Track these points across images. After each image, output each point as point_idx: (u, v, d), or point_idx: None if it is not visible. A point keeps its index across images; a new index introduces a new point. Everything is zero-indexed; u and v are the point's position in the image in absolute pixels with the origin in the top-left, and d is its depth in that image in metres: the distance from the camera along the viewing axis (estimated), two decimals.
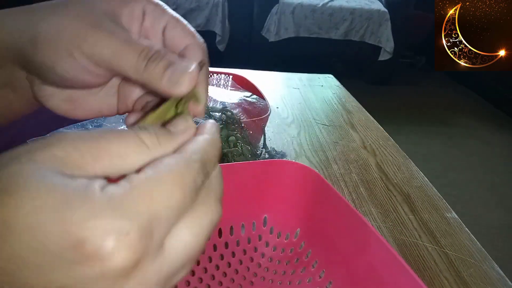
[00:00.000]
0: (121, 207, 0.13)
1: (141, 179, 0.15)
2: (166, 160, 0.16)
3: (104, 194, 0.14)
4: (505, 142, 2.43)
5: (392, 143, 0.76)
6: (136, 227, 0.14)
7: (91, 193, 0.13)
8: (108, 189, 0.14)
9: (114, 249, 0.13)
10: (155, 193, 0.14)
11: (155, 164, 0.15)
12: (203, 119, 0.55)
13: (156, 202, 0.14)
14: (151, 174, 0.15)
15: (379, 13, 2.56)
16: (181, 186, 0.15)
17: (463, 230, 0.54)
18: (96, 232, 0.13)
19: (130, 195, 0.14)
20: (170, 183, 0.15)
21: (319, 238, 0.40)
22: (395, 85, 3.01)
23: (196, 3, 2.40)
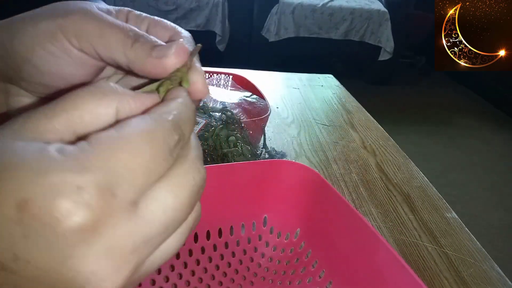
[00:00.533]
0: (75, 163, 0.12)
1: (102, 137, 0.13)
2: (133, 119, 0.15)
3: (58, 153, 0.13)
4: (505, 142, 2.43)
5: (392, 143, 0.76)
6: (92, 182, 0.12)
7: (43, 154, 0.12)
8: (63, 149, 0.13)
9: (65, 207, 0.12)
10: (117, 150, 0.13)
11: (120, 124, 0.14)
12: (203, 119, 0.55)
13: (118, 159, 0.13)
14: (114, 132, 0.14)
15: (379, 13, 2.56)
16: (150, 144, 0.14)
17: (463, 230, 0.54)
18: (43, 189, 0.12)
19: (87, 152, 0.13)
20: (137, 140, 0.14)
21: (319, 238, 0.40)
22: (395, 85, 3.01)
23: (196, 3, 2.40)
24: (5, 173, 0.12)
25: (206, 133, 0.53)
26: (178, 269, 0.39)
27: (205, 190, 0.41)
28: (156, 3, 2.37)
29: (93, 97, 0.15)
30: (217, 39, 2.52)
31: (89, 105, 0.15)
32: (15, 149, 0.13)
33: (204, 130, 0.53)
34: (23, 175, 0.12)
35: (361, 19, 2.55)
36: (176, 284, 0.38)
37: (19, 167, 0.12)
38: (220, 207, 0.41)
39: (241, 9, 2.56)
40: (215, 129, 0.53)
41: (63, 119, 0.14)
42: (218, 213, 0.41)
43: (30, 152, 0.13)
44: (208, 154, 0.50)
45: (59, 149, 0.13)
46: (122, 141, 0.14)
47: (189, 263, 0.40)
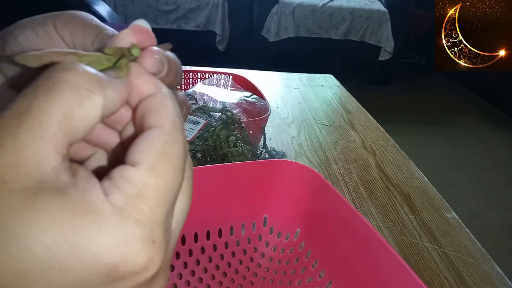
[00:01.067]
0: (138, 216, 0.13)
1: (142, 175, 0.14)
2: (154, 141, 0.14)
3: (113, 206, 0.13)
4: (505, 142, 2.43)
5: (392, 143, 0.76)
6: (160, 231, 0.13)
7: (96, 208, 0.12)
8: (113, 198, 0.13)
9: (148, 262, 0.13)
10: (163, 188, 0.14)
11: (145, 148, 0.14)
12: (203, 119, 0.55)
13: (166, 196, 0.14)
14: (149, 166, 0.14)
15: (379, 13, 2.56)
16: (180, 168, 0.15)
17: (463, 230, 0.54)
18: (126, 252, 0.12)
19: (142, 200, 0.13)
20: (172, 170, 0.14)
21: (319, 238, 0.40)
22: (395, 85, 3.01)
23: (196, 3, 2.40)
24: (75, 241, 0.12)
25: (206, 133, 0.53)
26: (178, 269, 0.39)
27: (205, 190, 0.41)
28: (156, 3, 2.37)
29: (81, 98, 0.13)
30: (217, 39, 2.52)
31: (79, 111, 0.13)
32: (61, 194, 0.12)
33: (204, 130, 0.53)
34: (98, 241, 0.12)
35: (361, 19, 2.55)
36: (176, 284, 0.38)
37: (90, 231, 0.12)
38: (220, 207, 0.41)
39: (241, 9, 2.56)
40: (215, 129, 0.53)
41: (57, 136, 0.13)
42: (218, 213, 0.41)
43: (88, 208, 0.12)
44: (208, 154, 0.50)
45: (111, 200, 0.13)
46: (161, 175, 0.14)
47: (189, 263, 0.40)
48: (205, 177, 0.39)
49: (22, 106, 0.13)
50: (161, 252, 0.13)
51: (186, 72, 0.79)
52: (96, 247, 0.12)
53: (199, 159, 0.50)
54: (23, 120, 0.12)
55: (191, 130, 0.52)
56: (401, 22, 2.62)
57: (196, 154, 0.50)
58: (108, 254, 0.12)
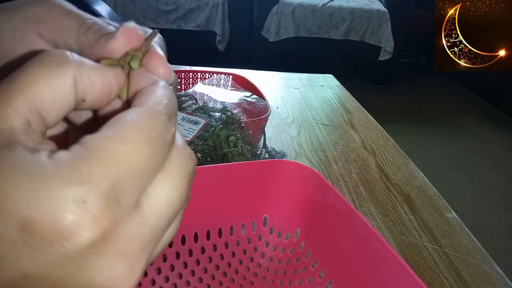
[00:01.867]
0: (76, 173, 0.12)
1: (98, 139, 0.13)
2: (126, 114, 0.14)
3: (52, 161, 0.12)
4: (505, 142, 2.43)
5: (392, 143, 0.76)
6: (95, 193, 0.12)
7: (35, 164, 0.12)
8: (57, 155, 0.12)
9: (73, 223, 0.11)
10: (117, 154, 0.12)
11: (114, 122, 0.13)
12: (203, 119, 0.55)
13: (119, 163, 0.12)
14: (110, 133, 0.13)
15: (379, 13, 2.56)
16: (150, 143, 0.13)
17: (463, 230, 0.54)
18: (46, 207, 0.11)
19: (86, 159, 0.12)
20: (136, 141, 0.13)
21: (319, 238, 0.40)
22: (395, 85, 3.01)
23: (196, 3, 2.40)
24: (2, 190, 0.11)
25: (206, 133, 0.53)
26: (178, 269, 0.39)
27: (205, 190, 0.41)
28: (156, 3, 2.37)
29: (48, 69, 0.13)
30: (217, 39, 2.53)
31: (45, 79, 0.13)
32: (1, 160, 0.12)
33: (204, 130, 0.53)
34: (20, 192, 0.11)
35: (361, 19, 2.55)
36: (176, 284, 0.38)
37: (13, 183, 0.11)
38: (220, 207, 0.41)
39: (241, 9, 2.57)
40: (215, 129, 0.53)
41: (21, 100, 0.13)
42: (218, 213, 0.41)
43: (20, 162, 0.12)
44: (208, 154, 0.50)
45: (53, 156, 0.12)
46: (121, 144, 0.13)
47: (189, 263, 0.40)
48: (205, 177, 0.39)
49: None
50: (94, 217, 0.12)
51: (186, 72, 0.79)
52: (16, 197, 0.11)
53: (199, 159, 0.50)
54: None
55: (191, 130, 0.52)
56: (401, 22, 2.62)
57: (196, 154, 0.50)
58: (25, 205, 0.11)
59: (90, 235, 0.12)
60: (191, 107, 0.59)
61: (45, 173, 0.11)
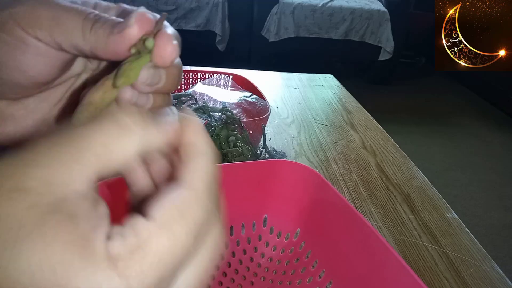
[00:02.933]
0: (127, 271, 0.12)
1: (148, 229, 0.13)
2: (177, 198, 0.14)
3: (109, 253, 0.12)
4: (505, 141, 2.43)
5: (392, 143, 0.76)
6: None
7: (94, 250, 0.12)
8: (113, 244, 0.12)
9: None
10: (165, 250, 0.13)
11: (164, 204, 0.14)
12: (203, 119, 0.55)
13: (165, 261, 0.13)
14: (160, 222, 0.13)
15: (379, 13, 2.56)
16: (194, 235, 0.14)
17: (463, 230, 0.54)
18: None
19: (138, 256, 0.12)
20: (183, 234, 0.13)
21: (319, 238, 0.40)
22: (395, 85, 3.01)
23: (196, 3, 2.40)
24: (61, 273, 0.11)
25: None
26: None
27: None
28: (156, 3, 2.37)
29: (120, 133, 0.14)
30: (217, 39, 2.53)
31: (115, 145, 0.13)
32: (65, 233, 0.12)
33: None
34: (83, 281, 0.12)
35: (361, 19, 2.55)
36: None
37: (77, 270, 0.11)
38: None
39: (241, 9, 2.56)
40: (215, 129, 0.53)
41: (89, 161, 0.13)
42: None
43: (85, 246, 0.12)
44: None
45: (111, 242, 0.12)
46: (168, 232, 0.13)
47: None
48: None
49: (66, 131, 0.13)
50: None
51: (186, 72, 0.79)
52: (75, 284, 0.11)
53: None
54: (65, 143, 0.13)
55: None
56: (401, 22, 2.62)
57: None
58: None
59: None
60: (191, 107, 0.59)
61: (104, 265, 0.12)
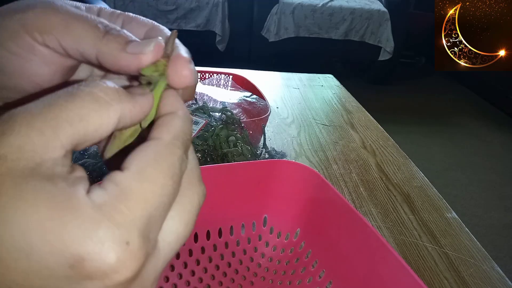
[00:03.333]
0: (116, 215, 0.13)
1: (127, 178, 0.14)
2: (148, 149, 0.15)
3: (93, 202, 0.13)
4: (505, 141, 2.43)
5: (392, 143, 0.76)
6: (135, 234, 0.13)
7: (77, 202, 0.12)
8: (95, 195, 0.13)
9: (117, 263, 0.12)
10: (147, 192, 0.14)
11: (137, 156, 0.14)
12: (203, 119, 0.55)
13: (149, 201, 0.14)
14: (137, 170, 0.14)
15: (379, 13, 2.56)
16: (170, 177, 0.14)
17: (463, 230, 0.54)
18: (95, 247, 0.12)
19: (122, 200, 0.13)
20: (160, 177, 0.14)
21: (319, 238, 0.40)
22: (395, 85, 3.01)
23: (196, 3, 2.40)
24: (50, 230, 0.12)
25: (206, 133, 0.53)
26: (178, 269, 0.39)
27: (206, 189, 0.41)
28: (156, 3, 2.37)
29: (99, 106, 0.14)
30: (217, 39, 2.53)
31: (94, 117, 0.14)
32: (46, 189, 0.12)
33: (204, 130, 0.53)
34: (70, 231, 0.12)
35: (361, 19, 2.55)
36: (176, 284, 0.38)
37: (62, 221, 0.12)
38: (220, 207, 0.41)
39: (241, 9, 2.56)
40: (215, 129, 0.53)
41: (69, 133, 0.13)
42: (218, 213, 0.41)
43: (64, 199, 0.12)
44: (208, 154, 0.50)
45: (92, 195, 0.13)
46: (147, 180, 0.14)
47: (189, 263, 0.40)
48: (205, 177, 0.39)
49: (42, 101, 0.13)
50: (134, 257, 0.13)
51: None
52: (66, 236, 0.12)
53: (199, 159, 0.50)
54: (41, 111, 0.13)
55: None
56: (401, 22, 2.62)
57: (196, 154, 0.50)
58: (76, 245, 0.12)
59: (129, 274, 0.13)
60: (191, 107, 0.59)
61: (90, 213, 0.12)
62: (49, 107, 0.13)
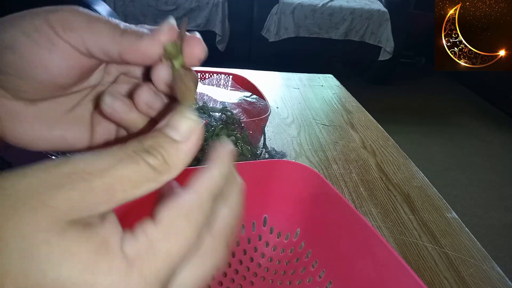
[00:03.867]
0: (144, 270, 0.14)
1: (158, 232, 0.14)
2: (181, 203, 0.15)
3: (126, 256, 0.13)
4: (505, 141, 2.43)
5: (392, 143, 0.76)
6: (158, 286, 0.14)
7: (114, 252, 0.13)
8: (127, 247, 0.14)
9: None
10: (173, 247, 0.14)
11: (170, 210, 0.15)
12: (203, 119, 0.55)
13: (174, 255, 0.14)
14: (167, 225, 0.15)
15: (379, 13, 2.56)
16: (196, 230, 0.15)
17: (463, 230, 0.54)
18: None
19: (151, 255, 0.14)
20: (187, 231, 0.15)
21: (319, 238, 0.40)
22: (395, 85, 3.01)
23: (196, 3, 2.40)
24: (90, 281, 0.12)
25: (206, 133, 0.53)
26: None
27: None
28: (156, 3, 2.37)
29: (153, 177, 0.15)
30: (217, 39, 2.53)
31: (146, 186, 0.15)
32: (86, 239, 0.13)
33: (204, 130, 0.53)
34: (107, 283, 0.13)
35: (361, 19, 2.55)
36: None
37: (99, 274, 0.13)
38: None
39: (241, 9, 2.56)
40: (215, 129, 0.53)
41: (120, 200, 0.14)
42: None
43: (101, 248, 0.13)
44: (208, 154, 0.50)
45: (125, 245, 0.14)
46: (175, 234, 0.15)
47: None
48: None
49: (103, 160, 0.14)
50: None
51: None
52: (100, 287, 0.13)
53: (199, 159, 0.50)
54: (101, 171, 0.14)
55: None
56: (401, 22, 2.62)
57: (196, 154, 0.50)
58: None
59: None
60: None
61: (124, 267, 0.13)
62: (108, 168, 0.14)
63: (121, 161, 0.14)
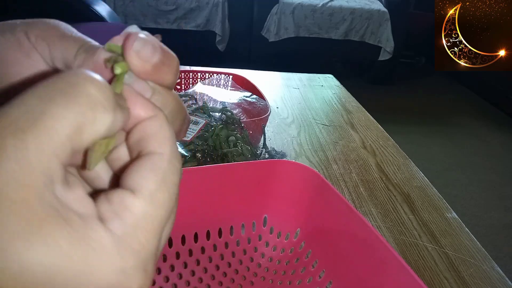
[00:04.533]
0: (135, 246, 0.14)
1: (142, 205, 0.14)
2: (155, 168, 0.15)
3: (113, 235, 0.13)
4: (505, 141, 2.43)
5: (392, 143, 0.76)
6: (151, 261, 0.14)
7: (100, 237, 0.13)
8: (112, 226, 0.13)
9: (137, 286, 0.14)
10: (160, 219, 0.14)
11: (147, 176, 0.15)
12: (203, 119, 0.55)
13: (160, 226, 0.15)
14: (149, 195, 0.14)
15: (379, 13, 2.56)
16: (175, 199, 0.15)
17: (463, 230, 0.54)
18: (123, 280, 0.13)
19: (140, 230, 0.14)
20: (168, 201, 0.15)
21: (319, 238, 0.40)
22: (395, 85, 3.01)
23: (196, 3, 2.40)
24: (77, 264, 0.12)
25: (206, 133, 0.53)
26: (178, 269, 0.39)
27: (205, 190, 0.41)
28: (156, 3, 2.37)
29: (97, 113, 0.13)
30: (217, 39, 2.53)
31: (92, 127, 0.13)
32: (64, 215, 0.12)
33: (204, 130, 0.53)
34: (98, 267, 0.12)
35: (361, 19, 2.55)
36: (176, 284, 0.38)
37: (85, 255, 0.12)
38: (220, 207, 0.41)
39: (241, 9, 2.57)
40: (215, 129, 0.53)
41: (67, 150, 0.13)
42: (218, 213, 0.41)
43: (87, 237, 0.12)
44: (208, 154, 0.50)
45: (110, 225, 0.13)
46: (160, 209, 0.14)
47: (189, 263, 0.40)
48: (205, 177, 0.39)
49: (34, 108, 0.12)
50: (150, 279, 0.14)
51: (186, 72, 0.79)
52: (94, 273, 0.12)
53: (199, 159, 0.50)
54: (34, 124, 0.12)
55: (191, 130, 0.52)
56: (401, 22, 2.62)
57: (196, 154, 0.50)
58: (105, 281, 0.13)
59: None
60: (191, 107, 0.59)
61: (113, 248, 0.13)
62: (43, 117, 0.12)
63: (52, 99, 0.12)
